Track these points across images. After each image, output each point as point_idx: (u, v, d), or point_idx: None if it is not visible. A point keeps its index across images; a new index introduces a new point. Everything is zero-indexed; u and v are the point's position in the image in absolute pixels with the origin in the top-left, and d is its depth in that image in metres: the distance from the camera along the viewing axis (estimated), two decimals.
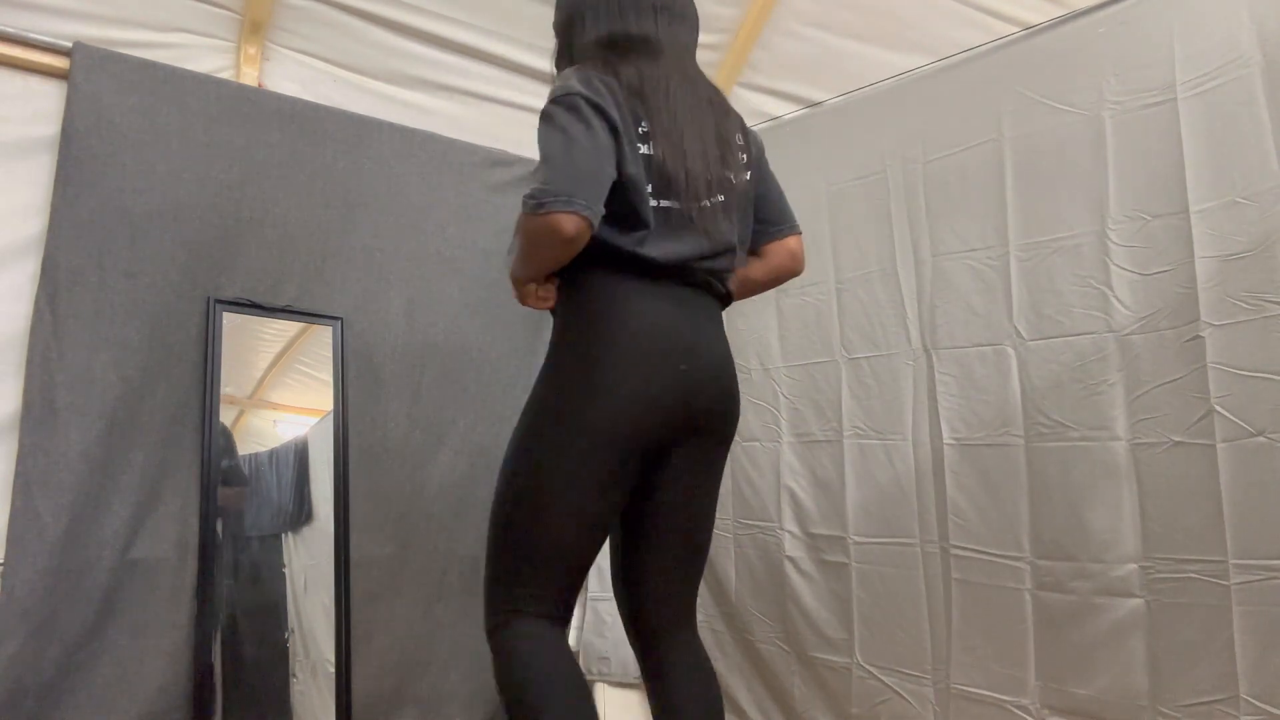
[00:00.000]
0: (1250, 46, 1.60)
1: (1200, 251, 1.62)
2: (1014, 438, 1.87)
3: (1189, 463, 1.63)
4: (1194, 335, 1.62)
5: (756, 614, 2.37)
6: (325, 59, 2.43)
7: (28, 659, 1.82)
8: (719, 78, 2.80)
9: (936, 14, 2.64)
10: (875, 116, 2.21)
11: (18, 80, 1.99)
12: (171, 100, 2.11)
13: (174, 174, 2.09)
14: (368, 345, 2.36)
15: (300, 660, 2.22)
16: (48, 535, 1.86)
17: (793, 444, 2.31)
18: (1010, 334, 1.89)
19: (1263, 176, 1.56)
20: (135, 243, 2.03)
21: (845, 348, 2.21)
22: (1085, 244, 1.79)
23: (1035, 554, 1.82)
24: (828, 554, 2.21)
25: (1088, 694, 1.74)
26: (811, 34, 2.73)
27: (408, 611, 2.33)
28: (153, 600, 2.00)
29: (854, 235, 2.21)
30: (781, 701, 2.31)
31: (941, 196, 2.04)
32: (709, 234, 1.39)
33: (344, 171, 2.35)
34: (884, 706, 2.07)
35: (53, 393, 1.91)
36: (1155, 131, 1.71)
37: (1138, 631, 1.68)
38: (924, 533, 2.02)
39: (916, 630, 2.02)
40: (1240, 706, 1.53)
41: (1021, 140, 1.90)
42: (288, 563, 2.26)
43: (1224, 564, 1.57)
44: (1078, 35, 1.85)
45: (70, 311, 1.95)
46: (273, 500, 2.26)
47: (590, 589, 2.77)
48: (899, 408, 2.09)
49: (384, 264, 2.38)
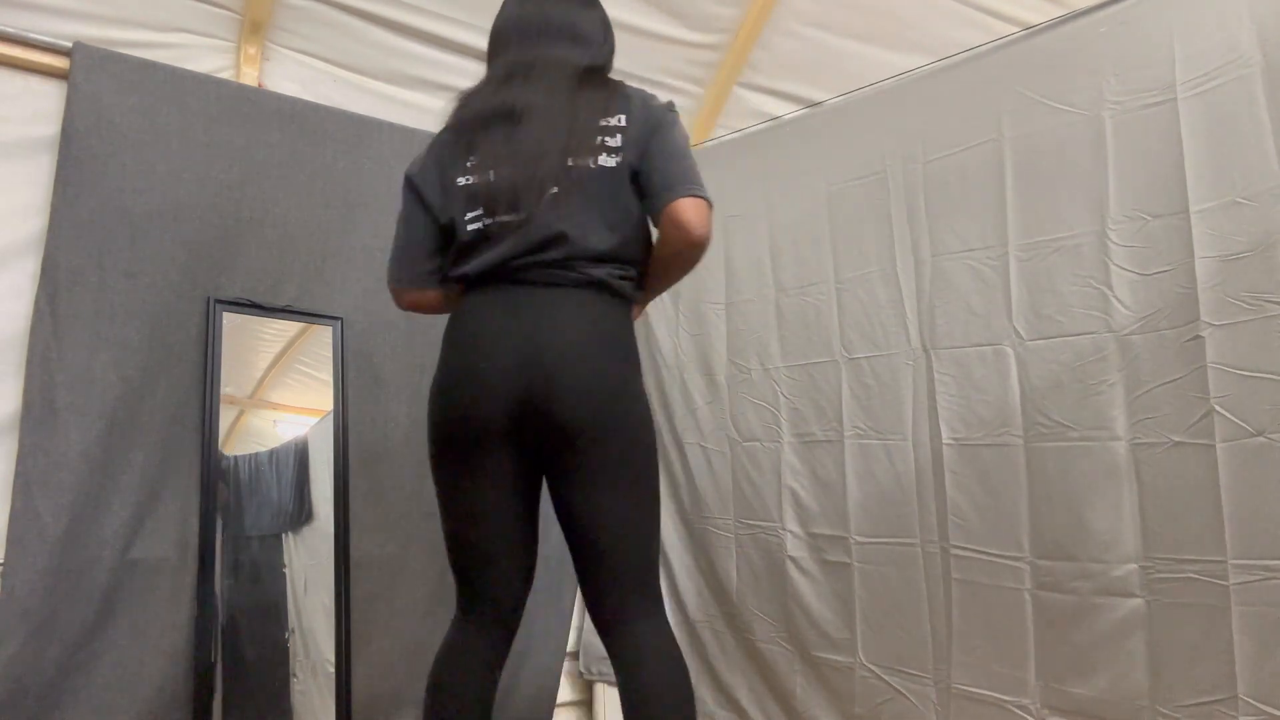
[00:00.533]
0: (1250, 46, 1.60)
1: (1200, 251, 1.62)
2: (1013, 438, 1.87)
3: (1189, 463, 1.62)
4: (1194, 335, 1.62)
5: (758, 613, 2.37)
6: (325, 59, 2.43)
7: (28, 659, 1.82)
8: (719, 78, 2.80)
9: (936, 14, 2.65)
10: (875, 116, 2.21)
11: (18, 80, 1.99)
12: (171, 100, 2.11)
13: (174, 174, 2.10)
14: (368, 345, 2.36)
15: (300, 660, 2.22)
16: (48, 535, 1.87)
17: (793, 444, 2.31)
18: (1010, 334, 1.89)
19: (1263, 176, 1.56)
20: (135, 243, 2.03)
21: (845, 348, 2.21)
22: (1085, 244, 1.79)
23: (1035, 554, 1.82)
24: (829, 554, 2.21)
25: (1087, 694, 1.74)
26: (811, 34, 2.73)
27: (408, 611, 2.33)
28: (153, 600, 2.00)
29: (854, 235, 2.21)
30: (783, 701, 2.31)
31: (941, 196, 2.04)
32: (527, 231, 1.45)
33: (344, 171, 2.35)
34: (886, 706, 2.07)
35: (53, 393, 1.91)
36: (1155, 131, 1.71)
37: (1137, 631, 1.68)
38: (924, 533, 2.02)
39: (918, 630, 2.02)
40: (1239, 707, 1.54)
41: (1021, 140, 1.90)
42: (288, 563, 2.26)
43: (1224, 564, 1.57)
44: (1078, 35, 1.85)
45: (70, 311, 1.95)
46: (273, 500, 2.26)
47: None
48: (899, 408, 2.09)
49: (384, 264, 2.37)
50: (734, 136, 2.68)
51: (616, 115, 1.48)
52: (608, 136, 1.47)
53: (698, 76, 2.83)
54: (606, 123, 1.48)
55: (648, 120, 1.49)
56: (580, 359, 1.43)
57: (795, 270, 2.34)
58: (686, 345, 2.60)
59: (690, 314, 2.60)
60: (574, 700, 2.77)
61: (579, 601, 2.78)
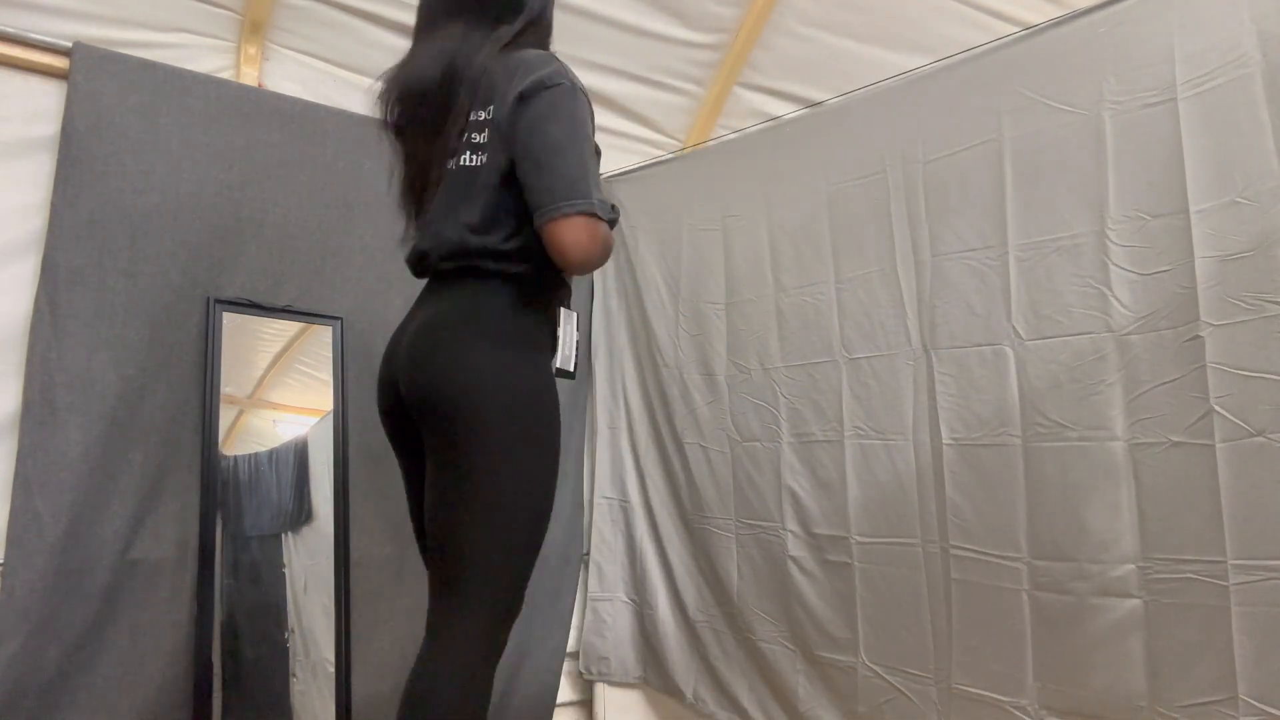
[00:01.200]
0: (1250, 46, 1.60)
1: (1200, 251, 1.62)
2: (1012, 438, 1.87)
3: (1188, 463, 1.62)
4: (1193, 335, 1.62)
5: (760, 613, 2.37)
6: (325, 59, 2.43)
7: (28, 659, 1.83)
8: (719, 78, 2.81)
9: (936, 14, 2.65)
10: (875, 116, 2.21)
11: (18, 80, 1.99)
12: (171, 100, 2.11)
13: (174, 174, 2.10)
14: (368, 345, 2.36)
15: (300, 660, 2.22)
16: (48, 535, 1.87)
17: (793, 444, 2.31)
18: (1009, 334, 1.89)
19: (1263, 176, 1.56)
20: (135, 243, 2.04)
21: (845, 348, 2.21)
22: (1085, 244, 1.78)
23: (1033, 554, 1.82)
24: (830, 554, 2.21)
25: (1086, 694, 1.74)
26: (811, 34, 2.73)
27: (408, 611, 2.33)
28: (153, 600, 2.01)
29: (854, 235, 2.21)
30: (784, 700, 2.31)
31: (941, 196, 2.04)
32: (421, 232, 1.46)
33: (344, 171, 2.36)
34: (889, 705, 2.07)
35: (53, 393, 1.91)
36: (1155, 131, 1.70)
37: (1136, 632, 1.67)
38: (924, 533, 2.02)
39: (919, 630, 2.02)
40: (1239, 707, 1.53)
41: (1021, 140, 1.90)
42: (288, 563, 2.27)
43: (1223, 564, 1.57)
44: (1078, 35, 1.85)
45: (70, 311, 1.95)
46: (273, 500, 2.26)
47: (590, 589, 2.77)
48: (899, 408, 2.09)
49: (384, 264, 2.38)
50: (734, 136, 2.68)
51: (486, 108, 1.37)
52: (474, 133, 1.38)
53: (698, 76, 2.83)
54: (475, 117, 1.38)
55: (514, 112, 1.34)
56: (422, 336, 1.37)
57: (795, 270, 2.34)
58: (686, 345, 2.60)
59: (690, 314, 2.60)
60: (574, 700, 2.77)
61: (579, 601, 2.78)
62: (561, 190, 1.28)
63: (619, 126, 2.89)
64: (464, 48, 1.42)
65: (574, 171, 1.30)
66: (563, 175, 1.29)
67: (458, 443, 1.30)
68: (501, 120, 1.35)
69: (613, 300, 2.87)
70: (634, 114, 2.88)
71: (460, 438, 1.29)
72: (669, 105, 2.89)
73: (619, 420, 2.81)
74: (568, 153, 1.31)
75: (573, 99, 1.34)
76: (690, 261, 2.61)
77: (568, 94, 1.34)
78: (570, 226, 1.27)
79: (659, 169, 2.75)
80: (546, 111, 1.32)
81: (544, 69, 1.35)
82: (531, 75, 1.34)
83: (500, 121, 1.35)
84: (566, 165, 1.30)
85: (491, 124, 1.36)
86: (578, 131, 1.33)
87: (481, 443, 1.28)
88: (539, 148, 1.32)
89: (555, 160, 1.30)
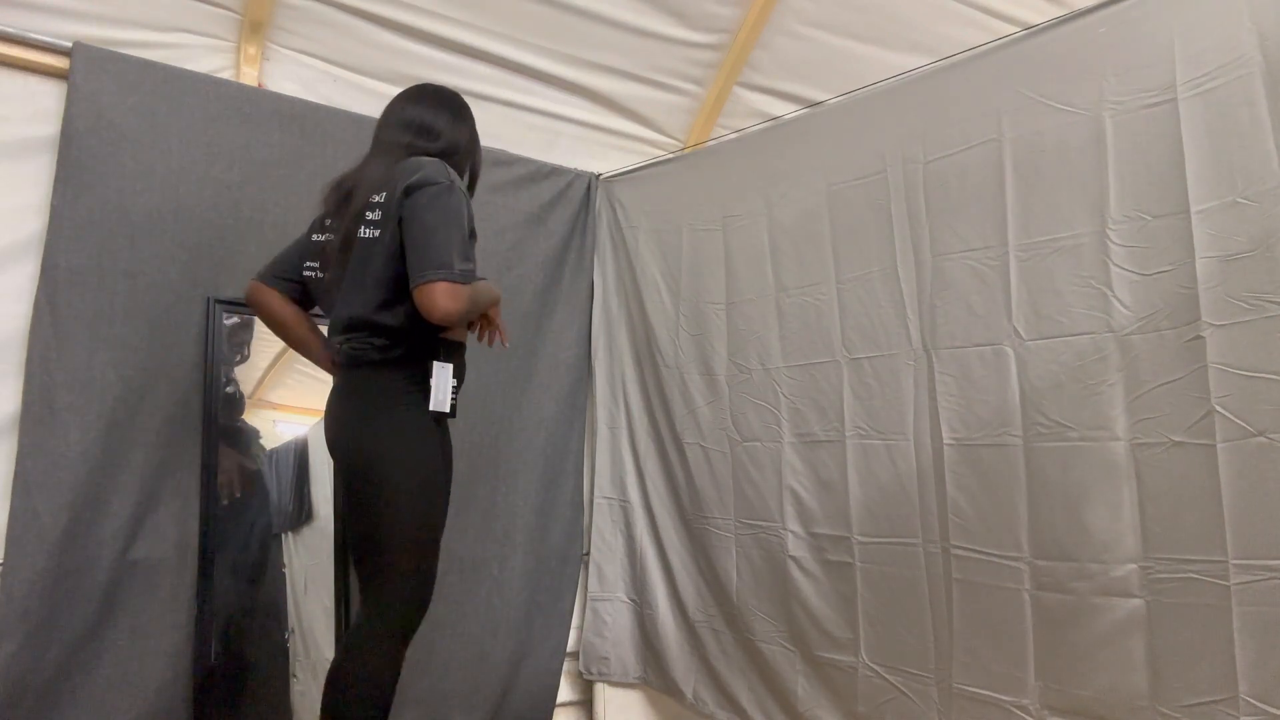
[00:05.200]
0: (1250, 47, 1.60)
1: (1200, 251, 1.62)
2: (1013, 438, 1.87)
3: (1189, 463, 1.62)
4: (1194, 335, 1.62)
5: (760, 614, 2.37)
6: (325, 59, 2.43)
7: (28, 659, 1.83)
8: (719, 78, 2.81)
9: (936, 14, 2.65)
10: (875, 116, 2.20)
11: (18, 80, 1.99)
12: (171, 100, 2.11)
13: (174, 174, 2.10)
14: None
15: (300, 660, 2.22)
16: (48, 535, 1.87)
17: (794, 444, 2.31)
18: (1009, 334, 1.89)
19: (1263, 176, 1.56)
20: (135, 243, 2.04)
21: (846, 348, 2.21)
22: (1085, 244, 1.78)
23: (1034, 554, 1.82)
24: (831, 554, 2.21)
25: (1087, 694, 1.74)
26: (811, 34, 2.73)
27: None
28: (153, 600, 2.01)
29: (854, 235, 2.21)
30: (783, 700, 2.31)
31: (941, 196, 2.04)
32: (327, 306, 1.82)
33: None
34: (889, 705, 2.07)
35: (52, 393, 1.91)
36: (1155, 131, 1.70)
37: (1137, 632, 1.67)
38: (926, 533, 2.02)
39: (920, 630, 2.02)
40: (1240, 707, 1.53)
41: (1021, 140, 1.90)
42: (288, 563, 2.27)
43: (1224, 564, 1.57)
44: (1078, 35, 1.85)
45: (70, 311, 1.95)
46: (272, 500, 2.26)
47: (590, 589, 2.77)
48: (900, 408, 2.09)
49: None
50: (734, 136, 2.68)
51: (381, 192, 1.69)
52: (369, 211, 1.70)
53: (698, 76, 2.83)
54: (373, 199, 1.70)
55: (403, 200, 1.65)
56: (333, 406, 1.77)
57: (795, 270, 2.33)
58: (686, 345, 2.60)
59: (690, 314, 2.60)
60: (574, 700, 2.77)
61: (579, 601, 2.78)
62: (430, 261, 1.59)
63: (619, 126, 2.89)
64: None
65: (440, 247, 1.61)
66: (433, 250, 1.60)
67: (364, 489, 1.70)
68: (391, 207, 1.68)
69: (613, 300, 2.87)
70: (634, 114, 2.88)
71: (365, 486, 1.69)
72: (669, 105, 2.89)
73: (619, 420, 2.81)
74: (438, 233, 1.62)
75: (449, 194, 1.66)
76: (690, 261, 2.61)
77: (445, 190, 1.66)
78: (433, 290, 1.58)
79: (659, 169, 2.75)
80: (426, 203, 1.64)
81: (430, 170, 1.67)
82: (418, 174, 1.66)
83: (390, 207, 1.68)
84: (435, 243, 1.61)
85: (383, 206, 1.69)
86: (449, 219, 1.64)
87: (378, 489, 1.67)
88: (416, 230, 1.63)
89: (428, 239, 1.62)
